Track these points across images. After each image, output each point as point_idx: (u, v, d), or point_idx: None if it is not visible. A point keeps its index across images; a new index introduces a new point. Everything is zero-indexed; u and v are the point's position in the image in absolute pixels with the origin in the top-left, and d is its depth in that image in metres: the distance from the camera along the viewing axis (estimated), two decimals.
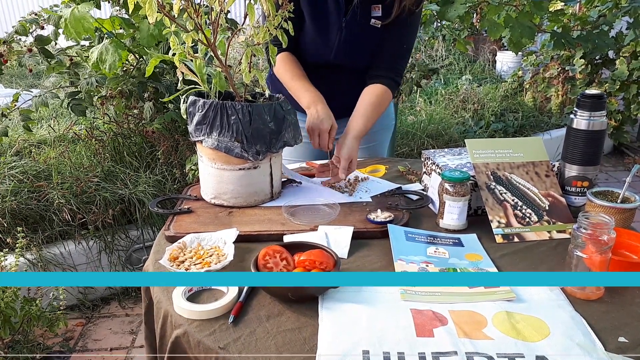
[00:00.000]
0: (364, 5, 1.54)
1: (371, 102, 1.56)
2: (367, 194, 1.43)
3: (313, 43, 1.63)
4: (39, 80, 5.36)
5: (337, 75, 1.68)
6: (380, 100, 1.58)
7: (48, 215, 2.34)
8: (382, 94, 1.59)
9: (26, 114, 2.39)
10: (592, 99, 1.25)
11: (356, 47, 1.62)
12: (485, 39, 6.52)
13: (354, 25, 1.57)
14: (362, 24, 1.57)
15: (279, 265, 0.99)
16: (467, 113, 4.48)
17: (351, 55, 1.64)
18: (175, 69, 1.28)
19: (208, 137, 1.28)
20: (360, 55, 1.64)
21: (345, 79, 1.69)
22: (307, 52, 1.65)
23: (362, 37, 1.60)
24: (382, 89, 1.59)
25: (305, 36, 1.62)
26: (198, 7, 1.16)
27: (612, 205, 1.17)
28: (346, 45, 1.61)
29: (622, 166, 4.48)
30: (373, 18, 1.55)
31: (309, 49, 1.64)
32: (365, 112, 1.55)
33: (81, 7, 2.03)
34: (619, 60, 4.33)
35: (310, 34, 1.61)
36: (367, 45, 1.62)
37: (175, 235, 1.18)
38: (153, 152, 2.77)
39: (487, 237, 1.21)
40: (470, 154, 1.32)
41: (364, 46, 1.62)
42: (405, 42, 1.62)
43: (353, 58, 1.65)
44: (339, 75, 1.69)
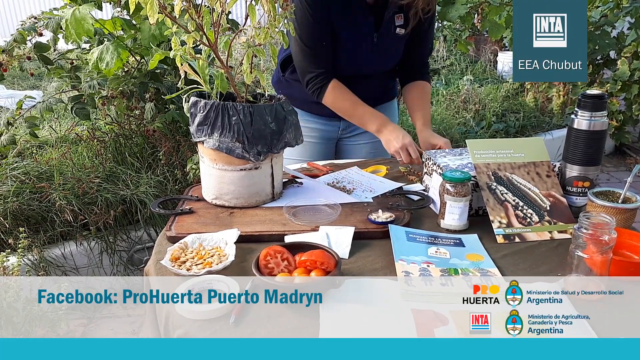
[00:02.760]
0: (390, 17, 1.62)
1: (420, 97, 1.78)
2: (371, 193, 1.44)
3: (347, 60, 1.68)
4: (40, 81, 5.36)
5: (365, 82, 1.75)
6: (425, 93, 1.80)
7: (50, 216, 2.35)
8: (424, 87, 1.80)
9: (32, 120, 2.40)
10: (593, 99, 1.25)
11: (387, 58, 1.73)
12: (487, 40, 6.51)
13: (385, 38, 1.65)
14: (391, 35, 1.66)
15: (280, 265, 0.99)
16: (469, 113, 4.47)
17: (380, 64, 1.74)
18: (177, 70, 1.29)
19: (209, 137, 1.28)
20: (388, 62, 1.75)
21: (365, 85, 1.74)
22: (341, 67, 1.70)
23: (391, 47, 1.70)
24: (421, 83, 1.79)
25: (340, 55, 1.67)
26: (199, 8, 1.16)
27: (613, 206, 1.17)
28: (379, 57, 1.70)
29: (624, 166, 4.47)
30: (397, 27, 1.64)
31: (343, 64, 1.69)
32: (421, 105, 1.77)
33: (82, 9, 2.03)
34: (621, 61, 4.32)
35: (345, 53, 1.66)
36: (395, 52, 1.73)
37: (176, 236, 1.19)
38: (154, 152, 2.77)
39: (488, 237, 1.20)
40: (471, 155, 1.32)
41: (392, 55, 1.74)
42: (430, 42, 1.80)
43: (382, 66, 1.75)
44: (367, 81, 1.75)
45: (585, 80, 4.15)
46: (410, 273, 1.02)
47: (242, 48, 1.24)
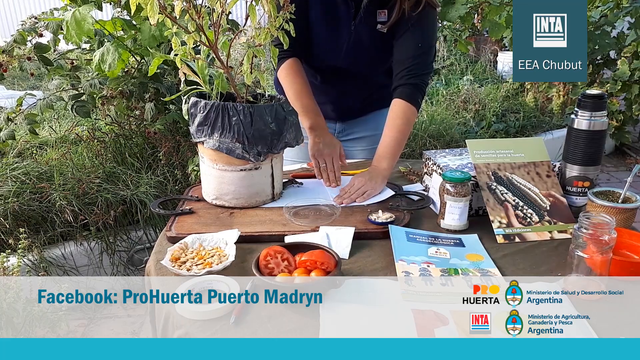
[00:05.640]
0: (370, 10, 1.54)
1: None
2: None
3: (323, 47, 1.63)
4: (40, 82, 5.36)
5: (346, 80, 1.69)
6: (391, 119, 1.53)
7: (50, 216, 2.35)
8: (394, 109, 1.54)
9: (31, 117, 2.40)
10: (593, 99, 1.25)
11: (364, 52, 1.62)
12: (487, 40, 6.51)
13: (362, 30, 1.57)
14: (369, 29, 1.57)
15: (280, 265, 0.99)
16: (469, 113, 4.47)
17: (359, 60, 1.64)
18: (177, 70, 1.29)
19: (209, 138, 1.28)
20: (368, 60, 1.64)
21: (353, 84, 1.70)
22: (317, 56, 1.65)
23: (369, 42, 1.59)
24: (395, 103, 1.54)
25: (315, 40, 1.61)
26: (200, 9, 1.17)
27: (613, 205, 1.17)
28: (355, 49, 1.61)
29: (624, 166, 4.47)
30: (379, 23, 1.56)
31: (319, 53, 1.64)
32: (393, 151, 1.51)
33: (82, 10, 2.03)
34: (621, 61, 4.32)
35: (320, 38, 1.61)
36: (375, 51, 1.61)
37: (176, 236, 1.19)
38: (154, 153, 2.77)
39: (488, 237, 1.21)
40: (471, 155, 1.32)
41: (371, 51, 1.62)
42: (420, 40, 1.54)
43: (361, 63, 1.65)
44: (348, 79, 1.69)
45: (585, 80, 4.16)
46: (410, 273, 1.03)
47: (242, 48, 1.24)
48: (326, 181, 1.49)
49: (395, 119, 1.52)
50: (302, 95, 1.58)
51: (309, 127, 1.57)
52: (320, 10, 1.56)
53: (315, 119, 1.57)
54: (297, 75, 1.60)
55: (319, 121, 1.58)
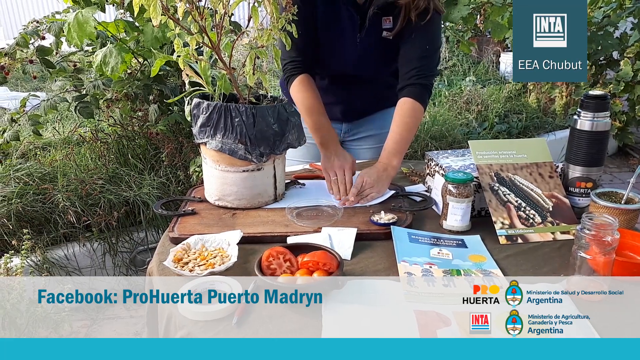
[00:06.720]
0: (376, 19, 1.55)
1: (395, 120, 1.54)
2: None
3: (330, 59, 1.64)
4: (44, 83, 5.38)
5: (354, 83, 1.71)
6: (399, 116, 1.55)
7: (53, 217, 2.36)
8: (402, 106, 1.55)
9: (35, 118, 2.41)
10: (596, 100, 1.25)
11: (372, 60, 1.64)
12: (489, 40, 6.50)
13: (368, 40, 1.58)
14: (375, 38, 1.58)
15: (283, 266, 0.99)
16: (471, 114, 4.47)
17: (368, 68, 1.66)
18: (180, 72, 1.29)
19: (212, 139, 1.29)
20: (375, 66, 1.66)
21: (361, 86, 1.71)
22: (325, 65, 1.66)
23: (376, 50, 1.61)
24: (401, 102, 1.55)
25: (321, 56, 1.63)
26: (202, 10, 1.17)
27: (615, 206, 1.17)
28: (363, 59, 1.63)
29: (627, 167, 4.46)
30: (384, 30, 1.56)
31: (327, 64, 1.66)
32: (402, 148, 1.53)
33: (85, 12, 2.04)
34: (624, 61, 4.31)
35: (326, 54, 1.63)
36: (383, 57, 1.63)
37: (179, 237, 1.19)
38: (157, 154, 2.78)
39: (490, 238, 1.20)
40: (473, 155, 1.32)
41: (378, 58, 1.64)
42: (428, 43, 1.56)
43: (370, 70, 1.67)
44: (355, 83, 1.71)
45: (585, 80, 4.15)
46: (412, 274, 1.03)
47: (245, 50, 1.25)
48: (337, 194, 1.44)
49: (404, 116, 1.54)
50: (313, 112, 1.59)
51: (320, 143, 1.58)
52: (325, 26, 1.58)
53: (327, 135, 1.58)
54: (308, 91, 1.61)
55: (331, 136, 1.59)
